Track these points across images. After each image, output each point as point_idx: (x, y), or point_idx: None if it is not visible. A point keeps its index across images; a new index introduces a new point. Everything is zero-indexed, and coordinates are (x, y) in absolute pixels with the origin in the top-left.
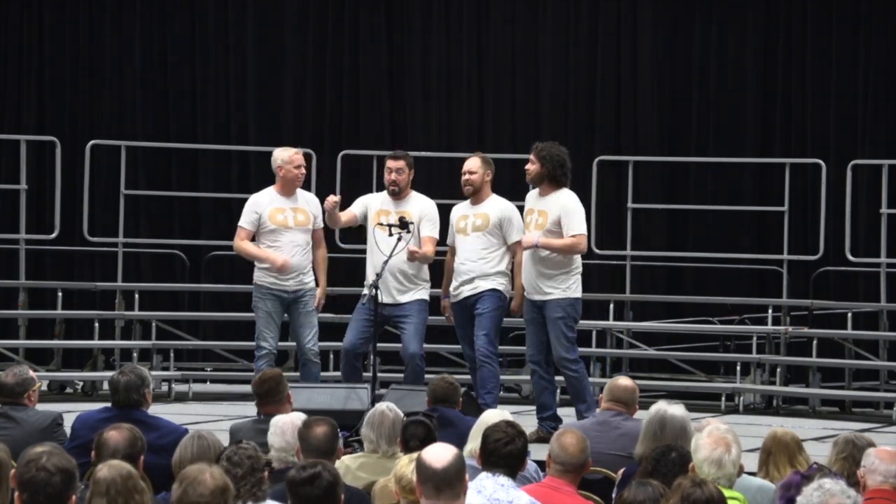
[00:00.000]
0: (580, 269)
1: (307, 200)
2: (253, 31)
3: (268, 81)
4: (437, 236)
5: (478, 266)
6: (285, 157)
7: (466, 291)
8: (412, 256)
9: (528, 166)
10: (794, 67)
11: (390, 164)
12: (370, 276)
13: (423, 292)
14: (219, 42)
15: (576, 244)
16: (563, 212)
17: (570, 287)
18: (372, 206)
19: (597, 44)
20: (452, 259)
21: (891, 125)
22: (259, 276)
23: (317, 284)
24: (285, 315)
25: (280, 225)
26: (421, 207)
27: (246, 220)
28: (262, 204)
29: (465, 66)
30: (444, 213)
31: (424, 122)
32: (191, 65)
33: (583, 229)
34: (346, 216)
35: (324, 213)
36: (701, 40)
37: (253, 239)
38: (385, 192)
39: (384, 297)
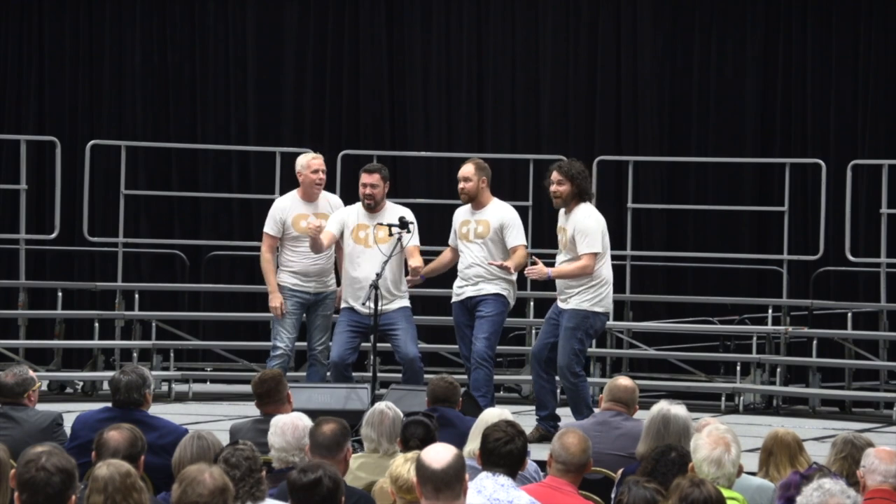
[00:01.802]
0: (603, 284)
1: (330, 204)
2: (253, 30)
3: (268, 81)
4: (419, 244)
5: (482, 271)
6: (304, 162)
7: (469, 292)
8: (416, 272)
9: (555, 188)
10: (794, 67)
11: (364, 178)
12: (346, 290)
13: (405, 300)
14: (219, 42)
15: (583, 266)
16: (575, 230)
17: (589, 300)
18: (349, 221)
19: (597, 44)
20: (448, 254)
21: (891, 125)
22: (282, 278)
23: (338, 284)
24: (302, 314)
25: (303, 232)
26: (399, 218)
27: (271, 227)
28: (285, 209)
29: (465, 66)
30: (444, 213)
31: (424, 122)
32: (191, 65)
33: (592, 248)
34: (327, 238)
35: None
36: (701, 40)
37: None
38: (360, 205)
39: (368, 308)
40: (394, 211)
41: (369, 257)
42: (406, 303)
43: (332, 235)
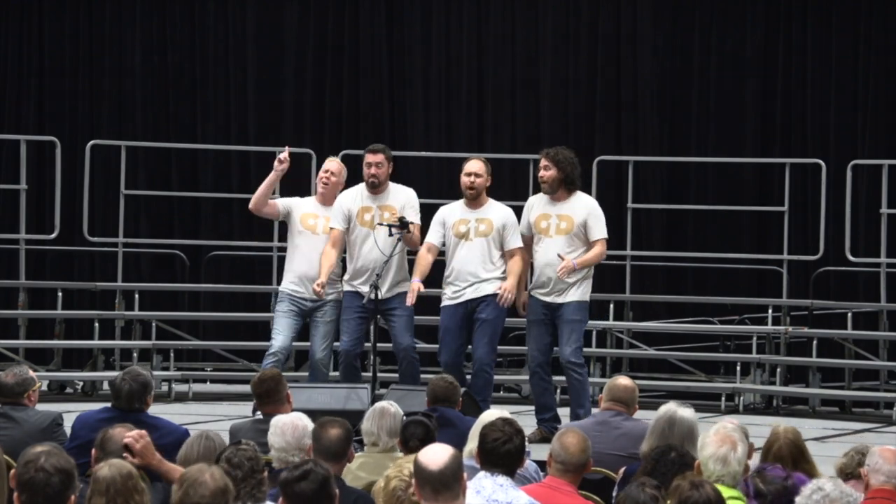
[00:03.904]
0: (592, 272)
1: None
2: (253, 30)
3: (268, 81)
4: (419, 223)
5: (482, 270)
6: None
7: (470, 294)
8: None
9: (542, 173)
10: (794, 67)
11: (369, 157)
12: (350, 273)
13: (406, 284)
14: (219, 42)
15: (601, 252)
16: (589, 216)
17: (586, 290)
18: (352, 207)
19: (597, 44)
20: (428, 255)
21: (891, 125)
22: (283, 284)
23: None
24: (302, 320)
25: (309, 229)
26: (406, 197)
27: (280, 200)
28: (299, 204)
29: (465, 66)
30: None
31: (424, 122)
32: (191, 65)
33: (605, 234)
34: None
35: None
36: (701, 40)
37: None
38: (361, 187)
39: (371, 292)
40: (397, 192)
41: (375, 239)
42: (407, 287)
43: (341, 233)
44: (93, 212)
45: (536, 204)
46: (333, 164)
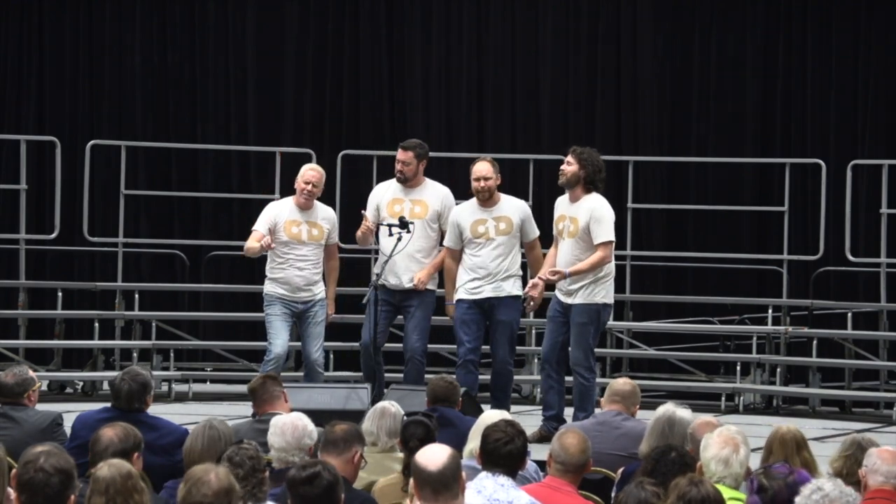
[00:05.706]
0: (611, 277)
1: (324, 216)
2: (253, 30)
3: (268, 81)
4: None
5: (504, 268)
6: (301, 171)
7: (488, 291)
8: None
9: (563, 167)
10: (794, 67)
11: (398, 155)
12: (379, 265)
13: (431, 283)
14: (219, 42)
15: (601, 258)
16: (591, 218)
17: (598, 293)
18: (383, 200)
19: (597, 44)
20: (454, 263)
21: (891, 125)
22: (270, 288)
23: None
24: (293, 320)
25: (293, 238)
26: (442, 202)
27: (261, 224)
28: (279, 213)
29: (465, 67)
30: None
31: (424, 122)
32: (191, 65)
33: (608, 237)
34: (367, 231)
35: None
36: (701, 40)
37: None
38: (393, 181)
39: (394, 283)
40: (432, 188)
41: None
42: (432, 285)
43: (374, 225)
44: (93, 212)
45: (559, 205)
46: (314, 174)
